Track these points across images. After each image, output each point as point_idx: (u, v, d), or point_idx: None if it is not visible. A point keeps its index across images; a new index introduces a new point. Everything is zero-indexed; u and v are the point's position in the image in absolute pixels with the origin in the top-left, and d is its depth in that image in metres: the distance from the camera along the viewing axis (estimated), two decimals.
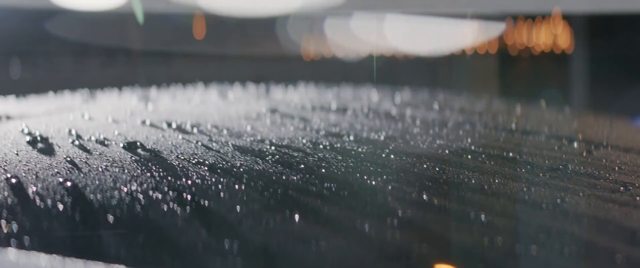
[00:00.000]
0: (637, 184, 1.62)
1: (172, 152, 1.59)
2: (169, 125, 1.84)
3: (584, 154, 1.86)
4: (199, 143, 1.66)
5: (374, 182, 1.45)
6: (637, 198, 1.52)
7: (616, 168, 1.76)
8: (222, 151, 1.60)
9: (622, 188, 1.57)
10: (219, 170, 1.48)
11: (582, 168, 1.69)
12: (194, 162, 1.52)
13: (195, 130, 1.79)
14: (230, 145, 1.64)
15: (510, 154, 1.76)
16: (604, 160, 1.82)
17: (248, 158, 1.56)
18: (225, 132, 1.78)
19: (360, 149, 1.66)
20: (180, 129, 1.81)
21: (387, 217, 1.32)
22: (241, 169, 1.49)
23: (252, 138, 1.71)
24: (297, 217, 1.30)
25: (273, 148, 1.63)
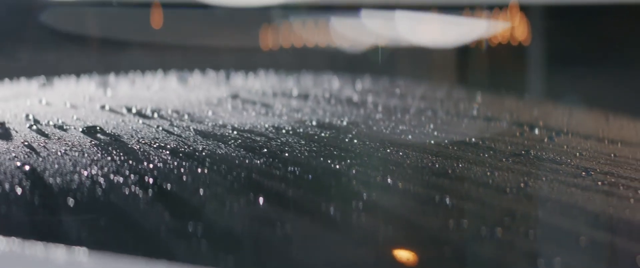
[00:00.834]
0: (598, 169, 1.63)
1: (132, 136, 1.57)
2: (129, 110, 1.81)
3: (546, 141, 1.86)
4: (160, 128, 1.64)
5: (337, 166, 1.44)
6: (599, 183, 1.52)
7: (577, 154, 1.76)
8: (183, 135, 1.58)
9: (584, 173, 1.57)
10: (180, 154, 1.46)
11: (544, 154, 1.70)
12: (155, 146, 1.50)
13: (155, 115, 1.77)
14: (192, 130, 1.62)
15: (473, 140, 1.76)
16: (566, 147, 1.83)
17: (210, 142, 1.54)
18: (186, 117, 1.76)
19: (323, 134, 1.65)
20: (140, 114, 1.78)
21: (351, 200, 1.32)
22: (203, 153, 1.47)
23: (213, 123, 1.69)
24: (261, 200, 1.29)
25: (235, 132, 1.62)
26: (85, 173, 1.36)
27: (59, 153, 1.45)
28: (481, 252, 1.20)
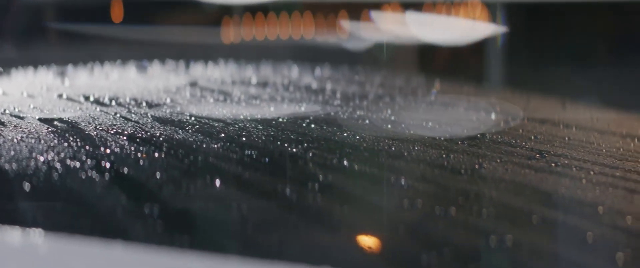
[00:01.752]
0: (552, 152, 1.66)
1: (90, 123, 1.57)
2: (87, 98, 1.81)
3: (501, 125, 1.89)
4: (118, 115, 1.64)
5: (294, 150, 1.45)
6: (552, 164, 1.55)
7: (532, 137, 1.79)
8: (141, 122, 1.58)
9: (538, 155, 1.60)
10: (137, 140, 1.46)
11: (499, 137, 1.72)
12: (112, 132, 1.51)
13: (113, 103, 1.77)
14: (149, 116, 1.63)
15: (430, 124, 1.77)
16: (521, 130, 1.86)
17: (167, 128, 1.54)
18: (144, 104, 1.76)
19: (281, 119, 1.66)
20: (98, 102, 1.78)
21: (307, 182, 1.33)
22: (160, 138, 1.47)
23: (171, 110, 1.70)
24: (217, 182, 1.30)
25: (193, 118, 1.62)
26: (42, 159, 1.36)
27: (15, 140, 1.45)
28: (435, 231, 1.21)
